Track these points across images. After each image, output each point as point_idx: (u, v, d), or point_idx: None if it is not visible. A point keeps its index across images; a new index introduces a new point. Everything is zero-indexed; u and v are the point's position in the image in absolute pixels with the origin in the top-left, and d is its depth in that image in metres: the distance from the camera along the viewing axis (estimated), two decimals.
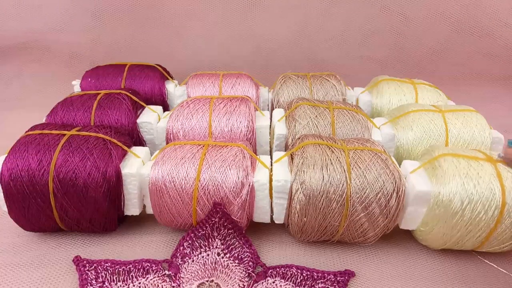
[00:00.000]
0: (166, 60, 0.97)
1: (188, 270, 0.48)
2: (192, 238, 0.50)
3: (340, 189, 0.47)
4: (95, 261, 0.49)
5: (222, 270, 0.48)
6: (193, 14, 1.09)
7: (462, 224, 0.47)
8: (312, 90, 0.76)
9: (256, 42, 1.12)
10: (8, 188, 0.49)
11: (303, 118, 0.62)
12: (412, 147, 0.61)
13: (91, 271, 0.48)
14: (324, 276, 0.48)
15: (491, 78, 1.12)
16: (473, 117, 0.62)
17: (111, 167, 0.50)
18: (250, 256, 0.50)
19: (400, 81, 0.78)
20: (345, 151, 0.51)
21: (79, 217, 0.51)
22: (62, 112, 0.64)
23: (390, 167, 0.49)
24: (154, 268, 0.48)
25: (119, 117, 0.64)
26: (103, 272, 0.48)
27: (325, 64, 1.12)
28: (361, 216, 0.48)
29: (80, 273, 0.47)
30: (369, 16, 1.08)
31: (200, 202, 0.50)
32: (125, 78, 0.79)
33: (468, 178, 0.47)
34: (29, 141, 0.51)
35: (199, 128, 0.62)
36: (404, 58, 1.12)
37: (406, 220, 0.51)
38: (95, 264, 0.48)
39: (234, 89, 0.77)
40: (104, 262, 0.49)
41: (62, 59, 1.13)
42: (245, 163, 0.50)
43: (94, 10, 1.09)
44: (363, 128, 0.62)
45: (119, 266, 0.48)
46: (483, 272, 0.51)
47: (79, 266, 0.48)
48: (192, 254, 0.49)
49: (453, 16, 1.07)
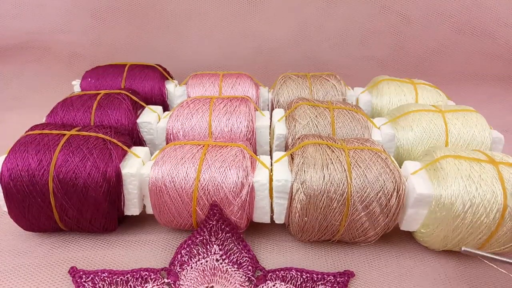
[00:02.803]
0: (166, 60, 0.97)
1: (187, 277, 0.47)
2: (189, 245, 0.50)
3: (340, 188, 0.47)
4: (91, 272, 0.48)
5: (221, 276, 0.48)
6: (193, 14, 1.09)
7: (463, 227, 0.47)
8: (312, 90, 0.76)
9: (256, 42, 1.12)
10: (8, 188, 0.49)
11: (303, 118, 0.62)
12: (412, 147, 0.61)
13: (88, 283, 0.46)
14: (324, 278, 0.48)
15: (491, 78, 1.12)
16: (473, 117, 0.62)
17: (111, 167, 0.50)
18: (249, 260, 0.49)
19: (400, 81, 0.78)
20: (345, 150, 0.51)
21: (79, 217, 0.51)
22: (62, 112, 0.64)
23: (390, 166, 0.49)
24: (152, 277, 0.47)
25: (119, 117, 0.64)
26: (101, 283, 0.46)
27: (325, 64, 1.12)
28: (362, 215, 0.48)
29: (76, 285, 0.46)
30: (369, 16, 1.08)
31: (200, 202, 0.50)
32: (125, 78, 0.79)
33: (470, 180, 0.47)
34: (29, 141, 0.51)
35: (199, 128, 0.62)
36: (404, 58, 1.12)
37: (407, 222, 0.51)
38: (92, 274, 0.47)
39: (234, 89, 0.77)
40: (101, 272, 0.48)
41: (62, 59, 1.13)
42: (245, 163, 0.50)
43: (94, 10, 1.09)
44: (363, 128, 0.62)
45: (116, 276, 0.47)
46: (483, 272, 0.50)
47: (75, 278, 0.47)
48: (190, 262, 0.49)
49: (453, 16, 1.07)
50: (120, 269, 0.49)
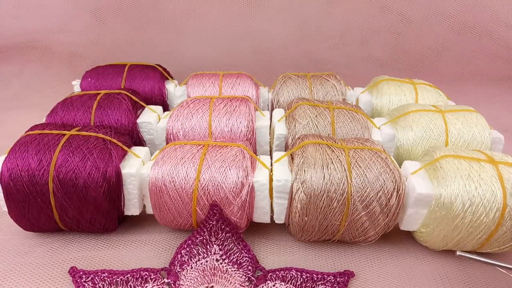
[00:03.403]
0: (166, 60, 0.97)
1: (187, 277, 0.47)
2: (190, 245, 0.50)
3: (341, 188, 0.47)
4: (91, 272, 0.48)
5: (221, 276, 0.48)
6: (193, 14, 1.09)
7: (463, 226, 0.47)
8: (312, 90, 0.76)
9: (256, 42, 1.12)
10: (8, 188, 0.49)
11: (303, 118, 0.62)
12: (412, 147, 0.61)
13: (88, 283, 0.46)
14: (324, 278, 0.48)
15: (491, 78, 1.12)
16: (473, 117, 0.62)
17: (111, 167, 0.50)
18: (249, 260, 0.49)
19: (400, 81, 0.78)
20: (345, 150, 0.51)
21: (79, 217, 0.51)
22: (62, 112, 0.64)
23: (390, 166, 0.49)
24: (152, 276, 0.47)
25: (119, 117, 0.64)
26: (101, 283, 0.46)
27: (325, 64, 1.12)
28: (362, 215, 0.48)
29: (76, 285, 0.46)
30: (369, 16, 1.08)
31: (200, 202, 0.50)
32: (125, 78, 0.79)
33: (470, 180, 0.47)
34: (29, 141, 0.51)
35: (199, 128, 0.62)
36: (404, 58, 1.12)
37: (407, 222, 0.51)
38: (92, 275, 0.47)
39: (234, 89, 0.77)
40: (101, 272, 0.47)
41: (62, 59, 1.13)
42: (245, 163, 0.50)
43: (94, 10, 1.09)
44: (363, 128, 0.62)
45: (116, 276, 0.47)
46: (483, 272, 0.50)
47: (75, 278, 0.47)
48: (190, 262, 0.49)
49: (453, 16, 1.07)
50: (120, 269, 0.49)
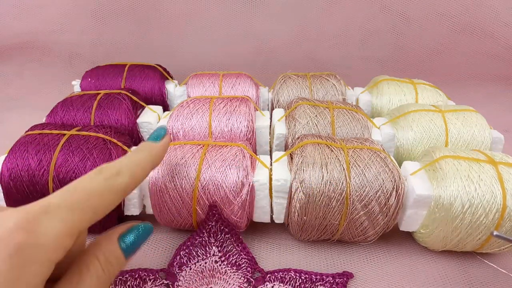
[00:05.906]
0: (166, 60, 0.97)
1: (186, 278, 0.47)
2: (188, 247, 0.50)
3: (339, 187, 0.47)
4: None
5: (220, 277, 0.48)
6: (193, 14, 1.09)
7: (462, 227, 0.47)
8: (312, 90, 0.76)
9: (256, 42, 1.12)
10: (8, 188, 0.49)
11: (303, 118, 0.62)
12: (412, 147, 0.61)
13: None
14: (323, 279, 0.48)
15: (491, 78, 1.12)
16: (473, 117, 0.62)
17: None
18: (248, 261, 0.49)
19: (400, 81, 0.78)
20: (344, 150, 0.51)
21: None
22: (62, 112, 0.64)
23: (389, 166, 0.49)
24: (151, 277, 0.47)
25: (119, 117, 0.64)
26: None
27: (325, 64, 1.12)
28: (361, 215, 0.48)
29: None
30: (369, 16, 1.08)
31: (200, 202, 0.50)
32: (125, 78, 0.79)
33: (469, 180, 0.47)
34: (29, 141, 0.51)
35: (199, 128, 0.62)
36: (404, 58, 1.12)
37: (406, 222, 0.51)
38: None
39: (234, 89, 0.77)
40: None
41: (62, 59, 1.13)
42: (245, 163, 0.50)
43: (94, 10, 1.09)
44: (363, 127, 0.62)
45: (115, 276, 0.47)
46: (483, 272, 0.51)
47: None
48: (189, 263, 0.49)
49: (453, 16, 1.07)
50: None
